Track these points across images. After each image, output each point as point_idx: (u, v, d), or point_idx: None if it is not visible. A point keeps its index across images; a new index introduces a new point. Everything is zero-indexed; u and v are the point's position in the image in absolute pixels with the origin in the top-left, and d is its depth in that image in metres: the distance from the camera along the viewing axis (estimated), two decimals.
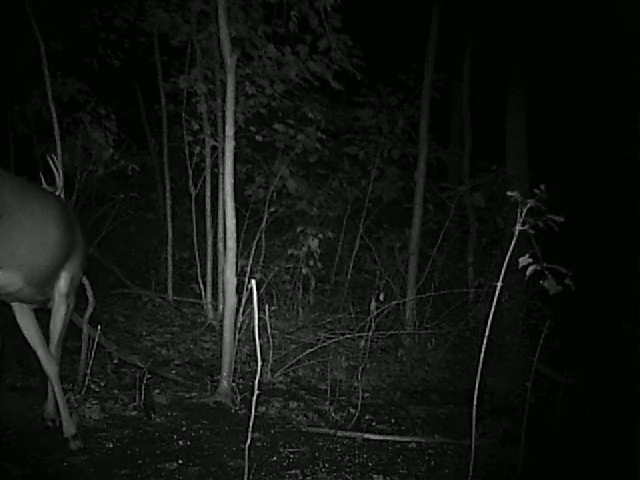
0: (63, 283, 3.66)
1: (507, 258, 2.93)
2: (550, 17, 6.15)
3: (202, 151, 6.77)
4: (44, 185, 3.93)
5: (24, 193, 3.39)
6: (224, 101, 5.05)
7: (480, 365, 2.97)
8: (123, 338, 5.86)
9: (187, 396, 4.66)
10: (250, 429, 2.80)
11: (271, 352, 5.35)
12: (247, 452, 2.84)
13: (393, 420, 4.68)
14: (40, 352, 3.64)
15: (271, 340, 5.37)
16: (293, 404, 4.72)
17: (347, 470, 3.67)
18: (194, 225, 6.90)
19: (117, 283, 7.47)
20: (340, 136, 7.78)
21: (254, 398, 2.81)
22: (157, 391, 4.64)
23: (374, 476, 3.62)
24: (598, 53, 6.19)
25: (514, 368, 5.68)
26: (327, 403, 4.79)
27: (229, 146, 4.63)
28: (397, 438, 4.25)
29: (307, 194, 7.46)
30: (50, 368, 3.63)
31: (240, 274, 5.36)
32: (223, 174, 4.86)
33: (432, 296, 6.52)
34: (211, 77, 6.52)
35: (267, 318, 5.26)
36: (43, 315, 3.84)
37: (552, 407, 4.55)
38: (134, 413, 4.23)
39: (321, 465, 3.70)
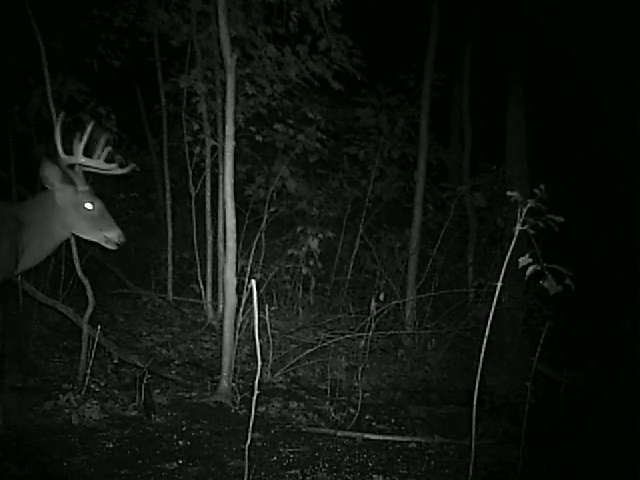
0: None
1: (507, 258, 2.93)
2: (550, 16, 6.15)
3: (202, 151, 6.77)
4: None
5: None
6: (224, 101, 5.05)
7: (480, 365, 2.97)
8: (123, 338, 5.86)
9: (187, 396, 4.66)
10: (250, 429, 2.80)
11: (271, 352, 5.35)
12: (247, 452, 2.83)
13: (393, 420, 4.68)
14: None
15: (271, 340, 5.37)
16: (293, 404, 4.72)
17: (347, 470, 3.67)
18: (194, 225, 6.90)
19: (117, 283, 7.46)
20: (340, 136, 7.77)
21: (254, 398, 2.81)
22: (157, 391, 4.64)
23: (374, 476, 3.62)
24: (599, 52, 6.19)
25: (514, 368, 5.69)
26: (327, 403, 4.79)
27: (229, 146, 4.63)
28: (397, 438, 4.25)
29: (307, 194, 7.46)
30: None
31: (240, 274, 5.36)
32: (223, 174, 4.86)
33: (432, 296, 6.52)
34: (211, 77, 6.52)
35: (267, 318, 5.26)
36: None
37: (552, 407, 4.54)
38: (134, 413, 4.23)
39: (321, 465, 3.70)
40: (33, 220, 3.69)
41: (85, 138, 3.76)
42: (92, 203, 3.76)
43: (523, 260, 2.85)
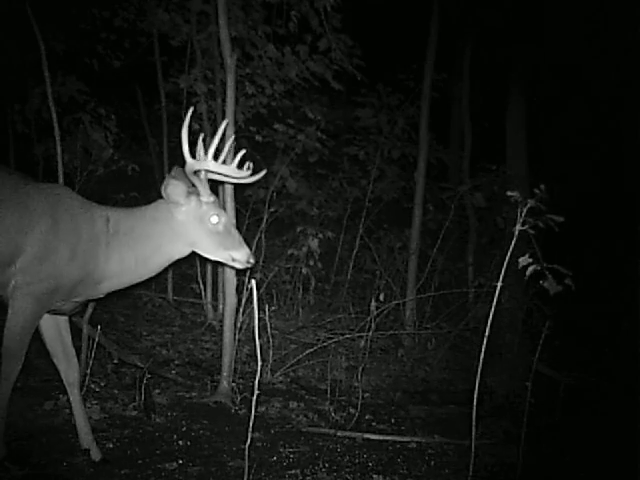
0: None
1: (507, 258, 2.94)
2: (550, 15, 6.15)
3: None
4: None
5: None
6: (224, 101, 5.05)
7: (480, 365, 2.97)
8: (123, 338, 5.85)
9: (187, 396, 4.66)
10: (250, 429, 2.80)
11: (271, 352, 5.35)
12: (247, 452, 2.84)
13: (393, 420, 4.68)
14: None
15: (271, 340, 5.37)
16: (293, 404, 4.72)
17: (347, 470, 3.67)
18: None
19: None
20: (340, 136, 7.77)
21: (254, 398, 2.81)
22: (157, 391, 4.64)
23: (374, 476, 3.62)
24: (599, 51, 6.19)
25: (514, 368, 5.68)
26: (327, 403, 4.79)
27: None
28: (397, 438, 4.25)
29: (307, 194, 7.45)
30: None
31: (240, 274, 5.36)
32: None
33: (432, 296, 6.52)
34: (211, 77, 6.51)
35: (267, 318, 5.26)
36: None
37: (552, 407, 4.55)
38: (134, 413, 4.22)
39: (321, 465, 3.70)
40: (136, 231, 3.24)
41: (216, 140, 3.24)
42: (218, 216, 3.29)
43: (523, 260, 2.85)
